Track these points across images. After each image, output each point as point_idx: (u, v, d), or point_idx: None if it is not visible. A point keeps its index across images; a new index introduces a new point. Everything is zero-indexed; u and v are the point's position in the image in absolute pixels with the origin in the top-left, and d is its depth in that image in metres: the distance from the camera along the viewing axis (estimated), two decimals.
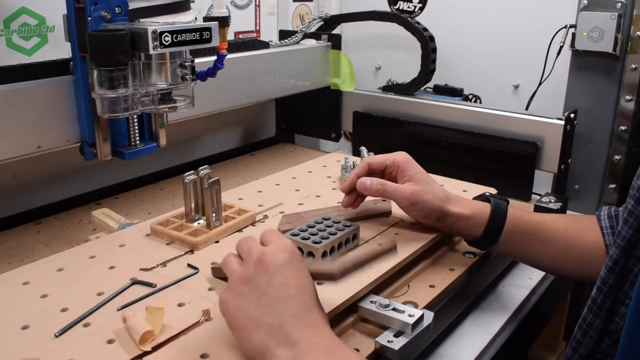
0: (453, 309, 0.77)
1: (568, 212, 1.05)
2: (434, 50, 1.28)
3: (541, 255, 0.79)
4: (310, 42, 1.35)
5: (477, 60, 1.44)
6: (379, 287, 0.72)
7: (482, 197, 0.82)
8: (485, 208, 0.78)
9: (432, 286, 0.75)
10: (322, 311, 0.57)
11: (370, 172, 0.83)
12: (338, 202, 0.96)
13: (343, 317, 0.67)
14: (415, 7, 1.53)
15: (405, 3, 1.54)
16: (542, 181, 1.18)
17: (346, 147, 1.50)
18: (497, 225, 0.77)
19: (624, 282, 0.61)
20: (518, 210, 0.79)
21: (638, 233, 0.60)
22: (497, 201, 0.79)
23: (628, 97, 1.15)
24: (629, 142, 1.17)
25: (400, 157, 0.82)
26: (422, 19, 1.48)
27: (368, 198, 0.91)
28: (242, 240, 0.62)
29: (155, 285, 0.69)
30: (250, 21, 1.46)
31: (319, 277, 0.63)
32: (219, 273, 0.70)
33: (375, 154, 1.06)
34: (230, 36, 0.96)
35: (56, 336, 0.60)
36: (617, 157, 1.18)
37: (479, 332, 0.79)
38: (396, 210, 0.92)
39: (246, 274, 0.57)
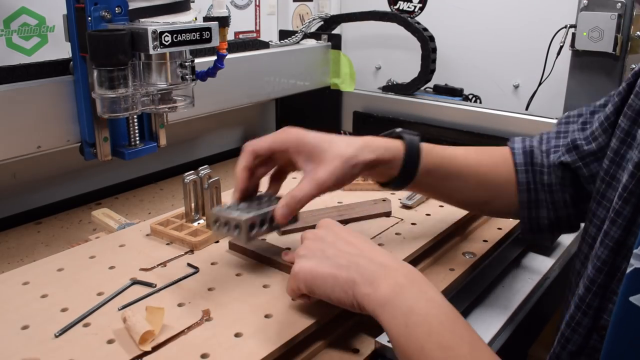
0: None
1: None
2: (434, 50, 1.28)
3: (453, 190, 0.78)
4: (310, 42, 1.35)
5: (477, 60, 1.44)
6: None
7: (393, 134, 0.75)
8: (398, 147, 0.72)
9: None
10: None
11: (258, 160, 0.74)
12: (338, 202, 0.96)
13: (343, 317, 0.67)
14: (415, 7, 1.53)
15: (405, 3, 1.54)
16: None
17: None
18: (412, 163, 0.72)
19: (612, 280, 0.61)
20: (429, 144, 0.74)
21: (626, 232, 0.60)
22: (410, 138, 0.73)
23: None
24: None
25: (287, 135, 0.74)
26: (422, 19, 1.48)
27: (367, 198, 0.91)
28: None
29: (155, 285, 0.69)
30: (250, 21, 1.46)
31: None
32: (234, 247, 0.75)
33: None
34: (230, 36, 0.96)
35: (56, 336, 0.60)
36: None
37: (479, 332, 0.78)
38: (396, 211, 0.92)
39: (311, 240, 0.63)
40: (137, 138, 0.93)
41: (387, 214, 0.90)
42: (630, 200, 0.58)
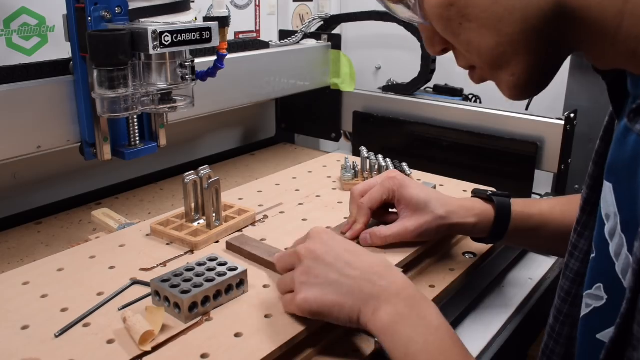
0: (453, 309, 0.77)
1: None
2: None
3: (542, 243, 0.82)
4: (310, 42, 1.35)
5: None
6: None
7: (483, 196, 0.81)
8: (489, 212, 0.78)
9: (432, 286, 0.75)
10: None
11: (371, 212, 0.82)
12: (338, 202, 0.96)
13: None
14: None
15: None
16: (542, 181, 1.17)
17: (346, 147, 1.50)
18: (502, 227, 0.78)
19: (579, 309, 0.61)
20: (519, 205, 0.80)
21: (584, 264, 0.60)
22: (501, 201, 0.79)
23: None
24: None
25: (393, 185, 0.80)
26: None
27: None
28: (279, 257, 0.68)
29: None
30: (250, 21, 1.46)
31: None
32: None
33: (376, 154, 1.06)
34: (230, 36, 0.96)
35: (56, 336, 0.60)
36: None
37: (479, 332, 0.78)
38: None
39: (306, 266, 0.62)
40: (137, 138, 0.93)
41: None
42: (584, 233, 0.59)
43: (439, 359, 0.55)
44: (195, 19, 0.85)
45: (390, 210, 0.84)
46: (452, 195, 0.97)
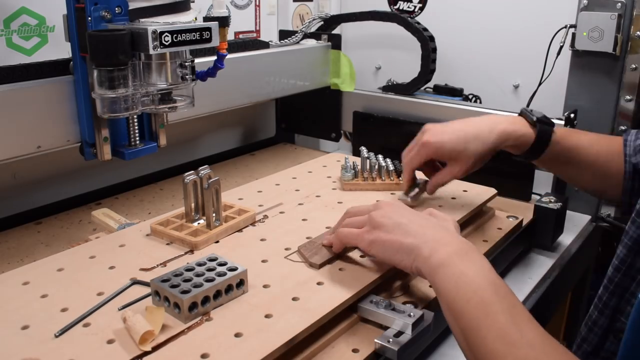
0: None
1: (568, 212, 1.05)
2: (434, 50, 1.28)
3: (572, 174, 0.92)
4: (310, 42, 1.35)
5: (477, 60, 1.44)
6: (379, 287, 0.72)
7: (529, 119, 0.88)
8: (529, 138, 0.86)
9: (432, 286, 0.75)
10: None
11: (414, 171, 0.93)
12: (338, 202, 0.96)
13: (343, 317, 0.67)
14: (415, 7, 1.53)
15: (405, 3, 1.54)
16: (542, 181, 1.17)
17: (346, 147, 1.50)
18: (538, 152, 0.87)
19: (631, 281, 0.61)
20: (559, 133, 0.87)
21: None
22: (542, 129, 0.86)
23: (628, 97, 1.15)
24: None
25: (429, 151, 0.88)
26: (422, 19, 1.48)
27: (367, 198, 0.91)
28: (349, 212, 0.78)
29: None
30: (250, 21, 1.46)
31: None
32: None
33: (376, 154, 1.06)
34: (230, 36, 0.96)
35: (56, 336, 0.60)
36: None
37: None
38: None
39: (385, 216, 0.70)
40: (137, 138, 0.93)
41: None
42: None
43: (485, 291, 0.58)
44: (195, 19, 0.85)
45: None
46: (452, 196, 0.97)
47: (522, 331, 0.54)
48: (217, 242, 0.81)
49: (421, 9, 1.52)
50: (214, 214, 0.82)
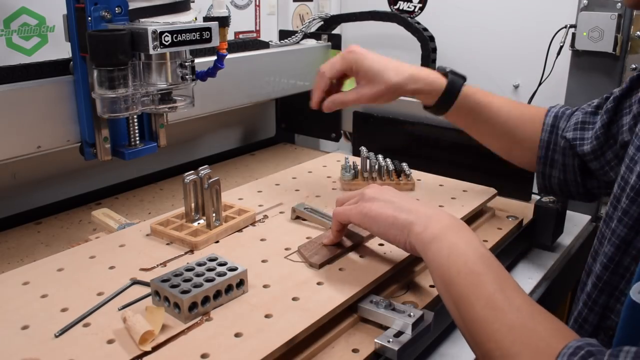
0: None
1: (568, 212, 1.05)
2: (434, 50, 1.28)
3: (482, 132, 0.93)
4: (310, 42, 1.35)
5: (477, 60, 1.44)
6: (379, 287, 0.72)
7: (442, 71, 0.89)
8: (440, 83, 0.87)
9: (432, 286, 0.75)
10: None
11: (330, 81, 0.90)
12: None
13: (343, 317, 0.67)
14: (415, 7, 1.53)
15: (405, 3, 1.54)
16: None
17: (346, 147, 1.50)
18: (448, 101, 0.87)
19: (620, 279, 0.61)
20: (472, 88, 0.89)
21: (633, 231, 0.60)
22: (454, 79, 0.87)
23: None
24: None
25: (353, 57, 0.87)
26: (422, 19, 1.48)
27: None
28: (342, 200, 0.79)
29: None
30: (250, 21, 1.46)
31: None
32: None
33: (376, 154, 1.06)
34: (230, 36, 0.96)
35: (56, 336, 0.60)
36: None
37: None
38: None
39: (373, 193, 0.73)
40: (137, 138, 0.93)
41: None
42: (637, 200, 0.59)
43: (476, 263, 0.60)
44: (195, 19, 0.85)
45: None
46: (452, 196, 0.97)
47: (510, 298, 0.56)
48: (217, 242, 0.81)
49: (421, 9, 1.52)
50: (213, 214, 0.82)
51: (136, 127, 0.93)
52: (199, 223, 0.84)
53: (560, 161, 0.87)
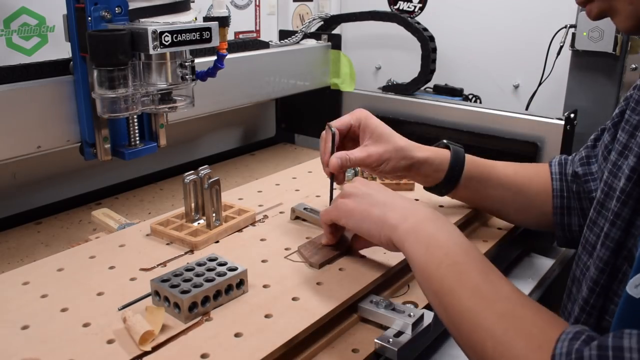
0: None
1: None
2: (434, 50, 1.28)
3: (495, 199, 0.86)
4: (310, 42, 1.35)
5: (477, 60, 1.44)
6: (379, 287, 0.72)
7: (439, 144, 0.87)
8: (445, 153, 0.84)
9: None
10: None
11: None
12: None
13: (343, 317, 0.67)
14: (415, 7, 1.53)
15: (405, 3, 1.54)
16: None
17: None
18: (457, 168, 0.83)
19: (613, 280, 0.62)
20: (471, 156, 0.85)
21: (625, 234, 0.60)
22: (456, 147, 0.85)
23: None
24: None
25: (360, 114, 0.85)
26: (422, 19, 1.48)
27: None
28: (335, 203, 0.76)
29: None
30: (250, 21, 1.46)
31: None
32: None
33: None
34: (230, 36, 0.96)
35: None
36: None
37: None
38: None
39: (349, 190, 0.72)
40: (137, 138, 0.93)
41: None
42: (628, 202, 0.59)
43: (456, 252, 0.59)
44: (195, 19, 0.85)
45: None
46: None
47: (496, 287, 0.55)
48: (217, 242, 0.81)
49: (421, 9, 1.52)
50: (213, 214, 0.82)
51: (136, 127, 0.93)
52: (199, 223, 0.84)
53: (577, 207, 0.82)
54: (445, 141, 0.86)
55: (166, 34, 0.78)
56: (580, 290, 0.68)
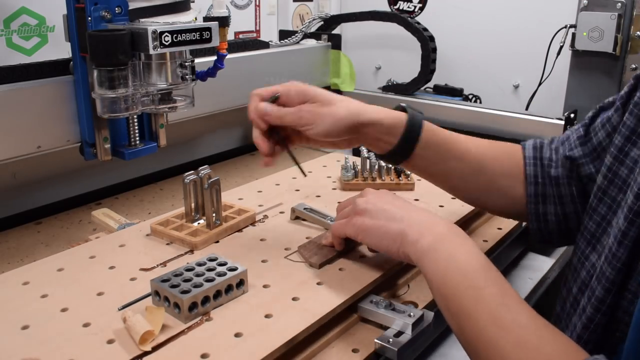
0: None
1: None
2: (434, 50, 1.28)
3: (453, 173, 0.77)
4: (310, 42, 1.35)
5: (477, 60, 1.44)
6: (379, 287, 0.72)
7: (397, 107, 0.77)
8: (401, 115, 0.74)
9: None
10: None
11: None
12: (338, 202, 0.95)
13: (343, 317, 0.67)
14: (415, 7, 1.53)
15: (405, 3, 1.54)
16: None
17: None
18: (413, 134, 0.73)
19: (621, 299, 0.60)
20: (431, 124, 0.76)
21: (632, 254, 0.58)
22: (413, 111, 0.75)
23: None
24: None
25: (290, 84, 0.74)
26: (422, 19, 1.48)
27: None
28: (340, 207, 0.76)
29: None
30: (250, 21, 1.46)
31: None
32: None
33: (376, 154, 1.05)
34: (230, 36, 0.96)
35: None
36: None
37: None
38: None
39: (370, 202, 0.70)
40: (137, 138, 0.93)
41: None
42: (636, 222, 0.57)
43: (475, 275, 0.57)
44: (195, 19, 0.85)
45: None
46: (451, 197, 0.97)
47: (514, 314, 0.54)
48: (217, 242, 0.81)
49: (421, 9, 1.52)
50: (214, 214, 0.82)
51: (136, 127, 0.93)
52: (199, 223, 0.84)
53: (553, 194, 0.75)
54: (403, 104, 0.77)
55: (166, 34, 0.78)
56: (587, 285, 0.65)
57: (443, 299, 0.59)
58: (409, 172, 1.03)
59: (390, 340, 0.62)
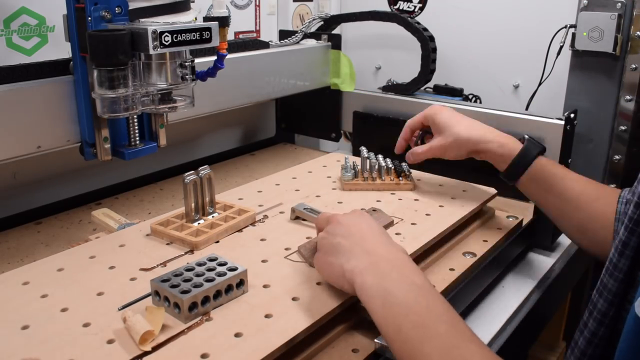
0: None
1: None
2: (434, 50, 1.28)
3: (552, 206, 0.85)
4: (310, 42, 1.35)
5: (477, 60, 1.44)
6: None
7: (521, 139, 0.88)
8: (516, 145, 0.86)
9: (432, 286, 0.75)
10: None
11: (411, 131, 0.99)
12: (338, 202, 0.96)
13: (343, 317, 0.67)
14: (415, 7, 1.53)
15: (405, 3, 1.54)
16: None
17: (346, 147, 1.50)
18: (518, 168, 0.85)
19: (629, 289, 0.60)
20: (548, 160, 0.86)
21: (633, 263, 0.59)
22: (530, 146, 0.86)
23: (628, 97, 1.15)
24: (629, 142, 1.16)
25: (430, 111, 0.95)
26: (422, 19, 1.48)
27: (367, 198, 0.91)
28: (321, 216, 0.75)
29: None
30: (250, 21, 1.46)
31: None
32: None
33: (376, 154, 1.06)
34: (230, 36, 0.96)
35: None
36: (617, 157, 1.18)
37: (479, 332, 0.78)
38: (397, 210, 0.92)
39: (327, 237, 0.68)
40: (137, 138, 0.93)
41: (389, 225, 0.88)
42: (636, 231, 0.58)
43: (418, 311, 0.55)
44: (195, 19, 0.85)
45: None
46: (452, 196, 0.97)
47: (464, 351, 0.52)
48: (217, 242, 0.81)
49: (421, 9, 1.52)
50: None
51: (136, 127, 0.92)
52: (199, 223, 0.84)
53: None
54: (526, 136, 0.88)
55: (166, 34, 0.78)
56: (588, 300, 0.66)
57: (388, 339, 0.56)
58: (409, 173, 1.03)
59: None
